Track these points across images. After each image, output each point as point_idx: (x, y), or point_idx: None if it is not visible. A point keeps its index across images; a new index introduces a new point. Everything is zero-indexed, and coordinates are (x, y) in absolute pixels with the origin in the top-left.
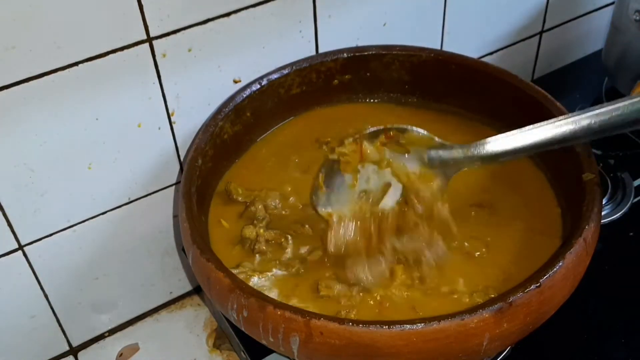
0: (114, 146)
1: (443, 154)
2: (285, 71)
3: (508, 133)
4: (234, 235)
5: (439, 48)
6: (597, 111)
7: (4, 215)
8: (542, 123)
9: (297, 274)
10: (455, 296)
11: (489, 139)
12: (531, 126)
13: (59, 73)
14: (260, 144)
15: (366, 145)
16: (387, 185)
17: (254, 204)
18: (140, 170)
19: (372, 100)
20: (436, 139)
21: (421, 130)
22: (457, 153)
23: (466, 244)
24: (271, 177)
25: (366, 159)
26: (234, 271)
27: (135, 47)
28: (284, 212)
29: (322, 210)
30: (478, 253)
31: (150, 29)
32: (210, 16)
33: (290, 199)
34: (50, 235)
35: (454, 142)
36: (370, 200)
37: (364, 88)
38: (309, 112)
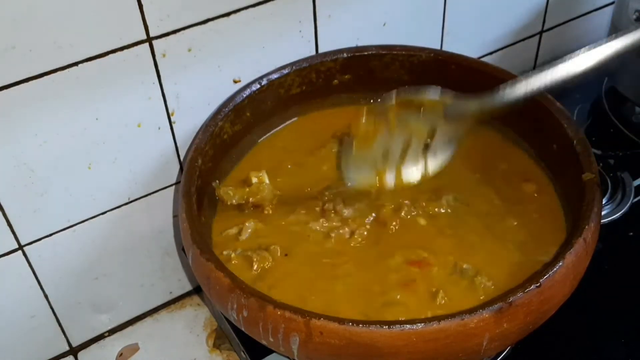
0: (114, 146)
1: (459, 106)
2: (285, 71)
3: (520, 78)
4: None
5: (439, 48)
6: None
7: (4, 215)
8: (549, 65)
9: None
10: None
11: (503, 88)
12: (547, 66)
13: (59, 73)
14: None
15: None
16: (407, 145)
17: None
18: (140, 170)
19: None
20: (449, 99)
21: (434, 93)
22: (472, 105)
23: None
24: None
25: (381, 131)
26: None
27: (135, 47)
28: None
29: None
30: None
31: (150, 29)
32: (210, 16)
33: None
34: (50, 235)
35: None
36: (395, 157)
37: (363, 88)
38: (311, 114)
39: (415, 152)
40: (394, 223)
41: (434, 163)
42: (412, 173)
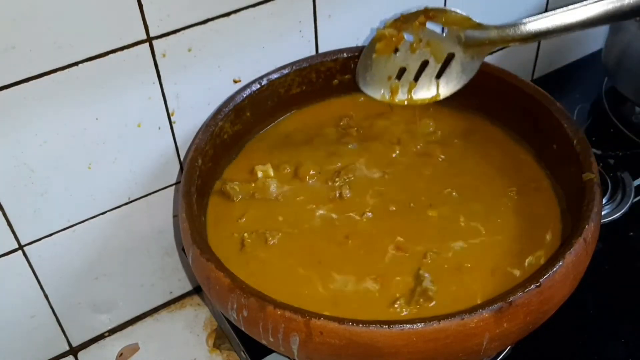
0: (114, 146)
1: (479, 34)
2: (285, 71)
3: (542, 15)
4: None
5: None
6: None
7: (4, 215)
8: (574, 5)
9: None
10: None
11: (525, 21)
12: (563, 8)
13: (59, 73)
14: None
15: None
16: (425, 63)
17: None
18: (140, 170)
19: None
20: (473, 19)
21: (459, 11)
22: (493, 33)
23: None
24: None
25: (403, 39)
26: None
27: (135, 47)
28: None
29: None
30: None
31: (150, 29)
32: (210, 16)
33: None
34: (50, 235)
35: (459, 140)
36: (410, 76)
37: None
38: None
39: (429, 77)
40: (396, 211)
41: (445, 90)
42: (422, 94)
